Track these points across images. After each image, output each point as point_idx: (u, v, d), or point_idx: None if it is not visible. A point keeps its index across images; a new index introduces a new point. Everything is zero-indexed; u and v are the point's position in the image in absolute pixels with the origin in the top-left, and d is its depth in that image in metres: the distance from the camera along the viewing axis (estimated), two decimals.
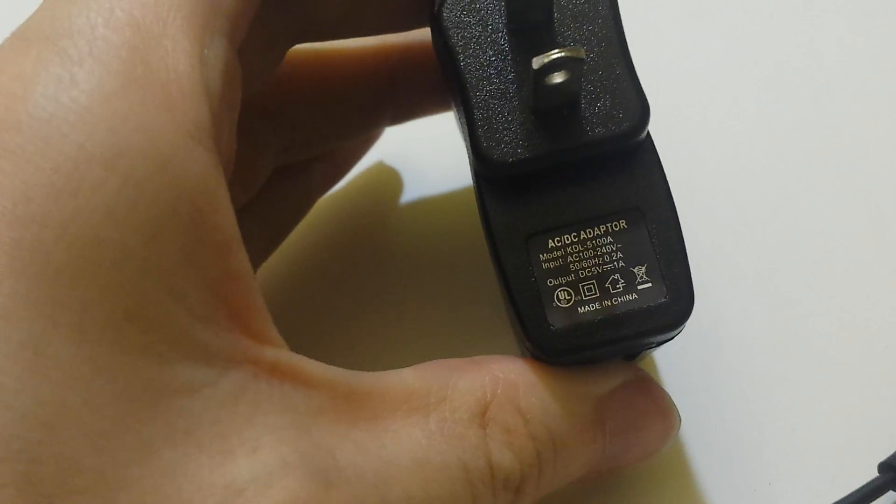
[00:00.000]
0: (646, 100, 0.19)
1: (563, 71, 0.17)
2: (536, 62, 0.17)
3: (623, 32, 0.19)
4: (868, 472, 0.23)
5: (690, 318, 0.19)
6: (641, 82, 0.19)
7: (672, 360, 0.26)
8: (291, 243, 0.28)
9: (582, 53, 0.17)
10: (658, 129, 0.20)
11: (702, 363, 0.26)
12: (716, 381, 0.25)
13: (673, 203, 0.19)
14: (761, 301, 0.26)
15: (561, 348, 0.19)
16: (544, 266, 0.19)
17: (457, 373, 0.19)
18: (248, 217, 0.25)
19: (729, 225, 0.28)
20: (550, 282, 0.19)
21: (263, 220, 0.26)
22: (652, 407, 0.21)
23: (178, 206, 0.15)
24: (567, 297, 0.19)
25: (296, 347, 0.17)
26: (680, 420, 0.22)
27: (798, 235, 0.27)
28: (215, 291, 0.15)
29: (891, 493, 0.23)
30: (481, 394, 0.18)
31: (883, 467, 0.23)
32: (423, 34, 0.22)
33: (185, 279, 0.15)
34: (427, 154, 0.30)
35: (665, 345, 0.20)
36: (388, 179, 0.30)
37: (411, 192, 0.30)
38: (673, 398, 0.21)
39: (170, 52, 0.15)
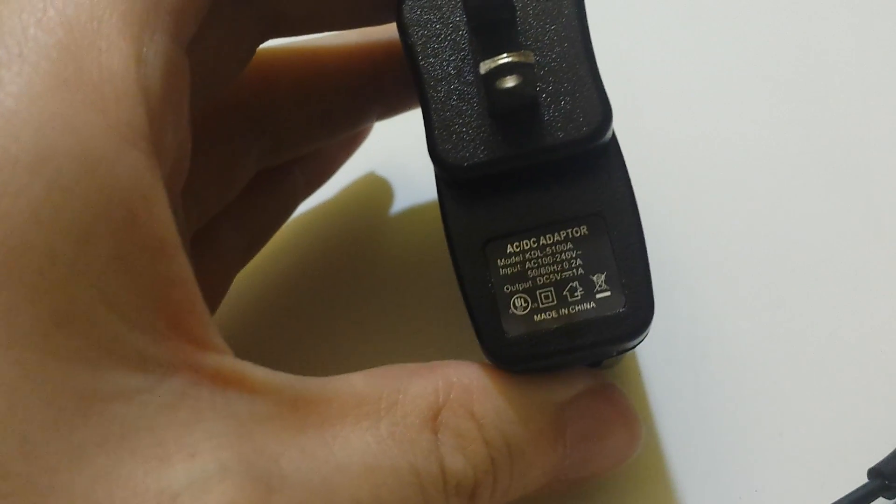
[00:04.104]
0: (608, 102, 0.18)
1: (514, 75, 0.17)
2: (483, 67, 0.17)
3: (588, 31, 0.19)
4: (857, 478, 0.23)
5: (678, 322, 0.19)
6: (616, 79, 0.19)
7: (657, 365, 0.25)
8: (273, 251, 0.28)
9: (531, 58, 0.17)
10: (642, 131, 0.19)
11: (687, 367, 0.25)
12: (701, 386, 0.25)
13: (636, 209, 0.19)
14: (748, 305, 0.26)
15: (515, 357, 0.19)
16: (502, 272, 0.19)
17: (409, 377, 0.18)
18: (226, 222, 0.25)
19: (715, 228, 0.27)
20: (507, 288, 0.19)
21: (242, 225, 0.26)
22: (615, 415, 0.20)
23: (109, 209, 0.14)
24: (524, 305, 0.19)
25: (269, 356, 0.17)
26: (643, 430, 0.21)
27: (786, 240, 0.27)
28: (151, 297, 0.15)
29: (881, 499, 0.22)
30: (434, 398, 0.18)
31: (872, 473, 0.23)
32: None
33: (117, 284, 0.15)
34: (418, 160, 0.30)
35: (650, 349, 0.20)
36: (377, 189, 0.30)
37: (401, 202, 0.29)
38: (658, 403, 0.21)
39: (104, 52, 0.15)
